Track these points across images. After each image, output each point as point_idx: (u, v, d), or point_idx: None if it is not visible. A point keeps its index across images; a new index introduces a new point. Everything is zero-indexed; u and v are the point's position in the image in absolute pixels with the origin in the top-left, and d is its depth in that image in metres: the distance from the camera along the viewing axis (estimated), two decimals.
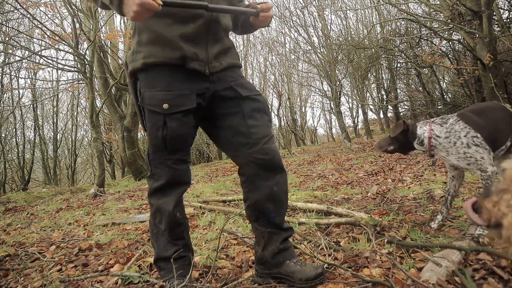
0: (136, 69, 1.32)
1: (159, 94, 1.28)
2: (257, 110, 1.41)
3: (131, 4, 1.10)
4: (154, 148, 1.34)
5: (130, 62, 1.34)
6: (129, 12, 1.12)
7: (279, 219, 1.45)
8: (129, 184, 7.24)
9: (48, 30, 5.79)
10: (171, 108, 1.28)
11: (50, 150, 15.07)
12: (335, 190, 3.78)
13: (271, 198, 1.40)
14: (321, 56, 10.99)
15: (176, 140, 1.32)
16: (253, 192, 1.41)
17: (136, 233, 2.69)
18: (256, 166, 1.37)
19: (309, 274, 1.37)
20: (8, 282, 1.88)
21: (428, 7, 7.51)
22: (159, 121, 1.29)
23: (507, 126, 1.88)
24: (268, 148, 1.38)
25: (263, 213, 1.42)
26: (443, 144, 1.88)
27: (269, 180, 1.39)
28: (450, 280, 1.39)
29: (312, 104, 21.21)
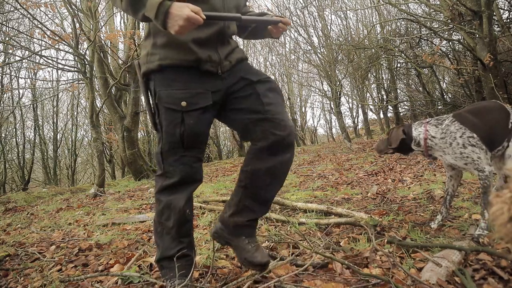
0: (151, 70, 1.35)
1: (177, 92, 1.32)
2: (271, 90, 1.45)
3: (177, 19, 1.13)
4: (170, 145, 1.35)
5: (144, 64, 1.37)
6: (174, 26, 1.14)
7: (267, 196, 1.49)
8: (129, 184, 7.24)
9: (48, 30, 5.79)
10: (189, 106, 1.31)
11: (50, 150, 15.08)
12: (335, 190, 3.78)
13: (271, 172, 1.43)
14: (321, 56, 11.00)
15: (193, 136, 1.35)
16: (257, 161, 1.43)
17: (136, 233, 2.69)
18: (272, 140, 1.39)
19: (254, 259, 1.41)
20: (8, 282, 1.88)
21: (428, 7, 7.51)
22: (176, 118, 1.32)
23: (504, 126, 1.87)
24: (285, 124, 1.40)
25: (255, 183, 1.44)
26: (439, 144, 1.90)
27: (278, 156, 1.41)
28: (450, 280, 1.39)
29: (312, 104, 21.23)
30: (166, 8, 1.13)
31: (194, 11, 1.14)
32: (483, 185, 1.84)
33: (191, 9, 1.14)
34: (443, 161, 1.99)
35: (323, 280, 1.51)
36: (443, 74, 11.05)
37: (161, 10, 1.14)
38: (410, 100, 11.08)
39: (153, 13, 1.15)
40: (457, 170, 2.05)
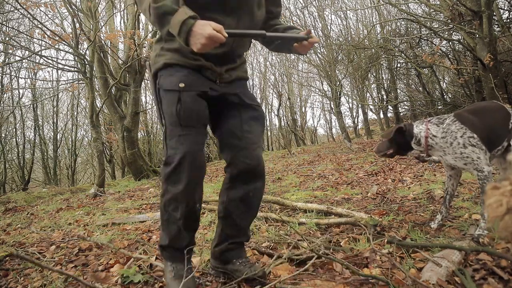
0: (158, 69, 1.43)
1: (177, 76, 1.39)
2: (254, 119, 1.53)
3: (199, 37, 1.16)
4: (169, 127, 1.40)
5: (153, 64, 1.46)
6: (196, 44, 1.18)
7: (244, 223, 1.58)
8: (129, 184, 7.24)
9: (48, 30, 5.79)
10: (186, 87, 1.37)
11: (50, 150, 15.08)
12: (335, 190, 3.78)
13: (244, 200, 1.52)
14: (321, 56, 11.00)
15: (189, 112, 1.37)
16: (230, 191, 1.53)
17: (136, 233, 2.69)
18: (241, 168, 1.48)
19: (250, 275, 1.47)
20: (8, 282, 1.88)
21: (428, 7, 7.51)
22: (174, 98, 1.37)
23: (504, 127, 1.88)
24: (255, 155, 1.50)
25: (232, 212, 1.53)
26: (439, 144, 1.89)
27: (249, 184, 1.51)
28: (450, 280, 1.39)
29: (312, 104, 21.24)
30: (189, 26, 1.17)
31: (217, 29, 1.16)
32: (482, 185, 1.83)
33: (213, 27, 1.16)
34: (443, 161, 1.99)
35: (323, 280, 1.52)
36: (443, 74, 11.05)
37: (184, 28, 1.17)
38: (410, 100, 11.09)
39: (176, 31, 1.19)
40: (456, 170, 2.05)
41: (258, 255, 1.90)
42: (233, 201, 1.52)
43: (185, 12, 1.19)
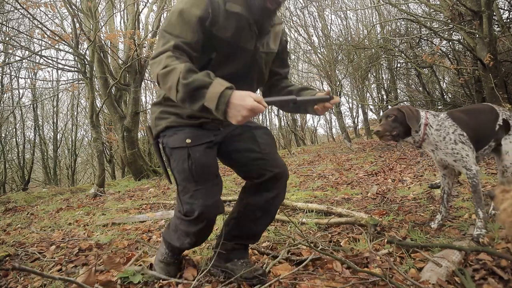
0: (160, 131, 1.46)
1: (181, 134, 1.41)
2: (265, 134, 1.58)
3: (240, 110, 1.09)
4: (183, 183, 1.41)
5: (154, 127, 1.48)
6: (236, 116, 1.11)
7: (260, 228, 1.60)
8: (129, 184, 7.23)
9: (48, 30, 5.79)
10: (193, 142, 1.39)
11: (50, 150, 15.07)
12: (335, 190, 3.78)
13: (263, 207, 1.53)
14: (321, 56, 10.99)
15: (201, 167, 1.39)
16: (250, 196, 1.54)
17: (136, 233, 2.69)
18: (267, 176, 1.49)
19: (248, 275, 1.49)
20: (8, 282, 1.88)
21: (428, 7, 7.51)
22: (183, 155, 1.38)
23: (491, 128, 1.98)
24: (280, 162, 1.54)
25: (247, 216, 1.54)
26: (434, 135, 1.92)
27: (271, 191, 1.51)
28: (450, 280, 1.39)
29: None
30: (227, 98, 1.10)
31: (257, 100, 1.11)
32: (472, 183, 1.88)
33: (253, 98, 1.10)
34: (434, 158, 2.00)
35: (323, 280, 1.52)
36: (443, 74, 11.05)
37: (222, 100, 1.10)
38: (410, 100, 11.08)
39: (214, 104, 1.11)
40: (449, 169, 2.08)
41: (258, 255, 1.90)
42: (252, 206, 1.53)
43: (221, 83, 1.13)
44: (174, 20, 1.25)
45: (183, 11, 1.24)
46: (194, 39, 1.24)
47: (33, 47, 9.51)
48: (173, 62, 1.17)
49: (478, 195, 1.87)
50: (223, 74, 1.30)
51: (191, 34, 1.23)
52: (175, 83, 1.14)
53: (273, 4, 1.32)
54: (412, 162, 5.12)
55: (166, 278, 1.60)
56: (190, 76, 1.14)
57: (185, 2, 1.26)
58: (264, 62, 1.47)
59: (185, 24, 1.23)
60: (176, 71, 1.14)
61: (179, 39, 1.22)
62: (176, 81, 1.14)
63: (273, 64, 1.56)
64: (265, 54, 1.46)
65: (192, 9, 1.24)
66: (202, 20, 1.24)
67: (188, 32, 1.23)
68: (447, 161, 1.93)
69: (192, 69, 1.16)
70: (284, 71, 1.63)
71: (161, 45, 1.23)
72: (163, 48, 1.21)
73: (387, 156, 6.38)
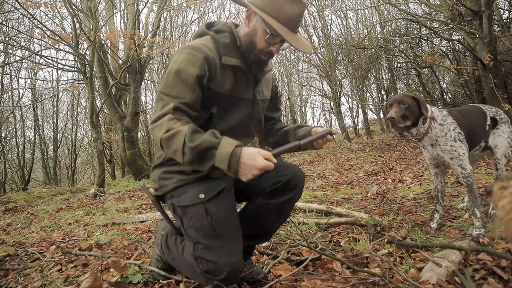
0: (166, 192, 1.38)
1: (193, 191, 1.32)
2: None
3: (251, 169, 1.11)
4: (204, 240, 1.30)
5: (159, 188, 1.40)
6: (247, 175, 1.12)
7: (272, 228, 1.55)
8: (129, 184, 7.24)
9: (48, 30, 5.79)
10: (207, 195, 1.30)
11: (50, 150, 15.07)
12: (335, 190, 3.78)
13: (280, 210, 1.47)
14: (321, 56, 10.98)
15: (223, 222, 1.31)
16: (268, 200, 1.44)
17: (136, 233, 2.69)
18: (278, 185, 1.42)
19: (251, 278, 1.49)
20: (8, 282, 1.88)
21: (428, 7, 7.51)
22: (200, 211, 1.30)
23: (482, 127, 2.06)
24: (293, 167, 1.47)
25: (261, 216, 1.47)
26: (436, 130, 1.92)
27: (285, 195, 1.44)
28: (450, 280, 1.39)
29: (312, 104, 21.16)
30: (238, 157, 1.11)
31: (267, 157, 1.12)
32: (467, 183, 1.89)
33: (263, 155, 1.12)
34: (430, 154, 2.00)
35: (323, 280, 1.52)
36: (443, 74, 11.05)
37: (234, 159, 1.11)
38: None
39: (226, 165, 1.11)
40: (441, 168, 2.10)
41: (258, 255, 1.90)
42: (267, 207, 1.45)
43: (230, 143, 1.13)
44: (171, 81, 1.23)
45: (179, 71, 1.23)
46: (193, 98, 1.23)
47: (33, 47, 9.51)
48: (175, 124, 1.16)
49: (474, 195, 1.88)
50: (226, 127, 1.32)
51: (189, 94, 1.22)
52: (180, 146, 1.14)
53: (266, 56, 1.33)
54: (412, 162, 5.12)
55: (168, 275, 1.60)
56: (197, 138, 1.13)
57: (181, 62, 1.24)
58: (261, 110, 1.49)
59: (182, 84, 1.22)
60: (181, 134, 1.14)
61: (178, 100, 1.21)
62: (181, 144, 1.13)
63: (267, 110, 1.57)
64: (261, 101, 1.48)
65: (189, 69, 1.23)
66: (199, 78, 1.24)
67: (186, 92, 1.22)
68: (443, 158, 1.93)
69: (197, 130, 1.16)
70: (277, 115, 1.65)
71: (160, 108, 1.21)
72: (162, 111, 1.19)
73: (387, 156, 6.38)
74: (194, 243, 1.31)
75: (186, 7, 10.13)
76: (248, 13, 1.30)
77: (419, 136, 1.95)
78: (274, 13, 1.23)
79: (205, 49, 1.27)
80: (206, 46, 1.29)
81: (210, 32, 1.35)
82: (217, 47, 1.31)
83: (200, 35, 1.38)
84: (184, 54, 1.25)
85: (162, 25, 10.65)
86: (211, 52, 1.28)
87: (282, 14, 1.23)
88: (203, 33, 1.37)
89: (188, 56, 1.25)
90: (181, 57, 1.25)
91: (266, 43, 1.28)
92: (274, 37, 1.26)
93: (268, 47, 1.30)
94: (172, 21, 12.08)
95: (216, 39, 1.32)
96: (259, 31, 1.27)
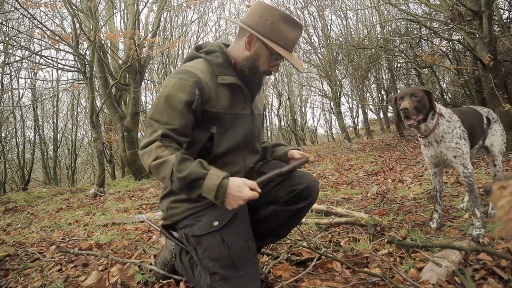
0: (176, 221, 1.37)
1: (206, 218, 1.30)
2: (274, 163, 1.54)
3: (237, 199, 1.14)
4: (221, 270, 1.26)
5: (168, 218, 1.39)
6: (232, 204, 1.15)
7: (284, 232, 1.55)
8: (129, 184, 7.24)
9: (48, 30, 5.79)
10: (221, 222, 1.28)
11: (50, 150, 15.07)
12: (335, 190, 3.78)
13: (291, 217, 1.47)
14: (321, 56, 10.99)
15: (242, 250, 1.28)
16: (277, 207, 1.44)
17: (136, 233, 2.69)
18: (294, 194, 1.42)
19: None
20: (8, 282, 1.88)
21: (428, 7, 7.51)
22: (216, 240, 1.27)
23: (481, 126, 2.12)
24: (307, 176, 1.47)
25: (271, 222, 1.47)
26: (444, 126, 1.92)
27: (299, 203, 1.44)
28: (450, 280, 1.39)
29: (312, 104, 21.17)
30: (225, 189, 1.13)
31: (252, 187, 1.15)
32: (468, 183, 1.90)
33: (248, 186, 1.15)
34: (429, 154, 1.99)
35: (323, 280, 1.52)
36: (443, 74, 11.05)
37: (221, 191, 1.13)
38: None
39: (212, 195, 1.14)
40: (440, 167, 2.11)
41: (258, 255, 1.90)
42: (281, 214, 1.45)
43: (217, 174, 1.15)
44: (160, 107, 1.25)
45: (169, 97, 1.24)
46: (182, 124, 1.24)
47: (33, 47, 9.50)
48: (163, 152, 1.17)
49: (474, 194, 1.89)
50: (230, 146, 1.34)
51: (178, 119, 1.23)
52: (168, 175, 1.16)
53: (267, 75, 1.41)
54: (412, 162, 5.12)
55: (168, 274, 1.60)
56: (185, 167, 1.15)
57: (171, 87, 1.26)
58: (260, 124, 1.52)
59: (172, 110, 1.23)
60: (169, 163, 1.15)
61: (166, 126, 1.22)
62: (169, 173, 1.15)
63: None
64: (258, 116, 1.50)
65: (179, 94, 1.24)
66: (189, 103, 1.24)
67: (175, 118, 1.23)
68: (447, 155, 1.92)
69: (184, 159, 1.17)
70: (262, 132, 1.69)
71: (149, 135, 1.22)
72: (151, 138, 1.21)
73: (387, 156, 6.38)
74: (210, 274, 1.28)
75: (186, 7, 10.13)
76: (249, 39, 1.33)
77: (427, 132, 1.93)
78: (276, 39, 1.29)
79: (197, 72, 1.29)
80: (199, 69, 1.31)
81: (201, 54, 1.38)
82: (210, 68, 1.33)
83: (191, 58, 1.40)
84: (175, 79, 1.28)
85: (162, 25, 10.65)
86: (204, 74, 1.30)
87: (283, 39, 1.30)
88: (194, 56, 1.40)
89: (178, 81, 1.26)
90: (171, 82, 1.27)
91: (269, 65, 1.36)
92: (277, 60, 1.35)
93: (269, 68, 1.37)
94: (172, 21, 12.08)
95: (209, 60, 1.35)
96: (263, 56, 1.33)
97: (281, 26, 1.29)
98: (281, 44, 1.30)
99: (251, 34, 1.31)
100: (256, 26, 1.30)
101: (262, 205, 1.46)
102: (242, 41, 1.34)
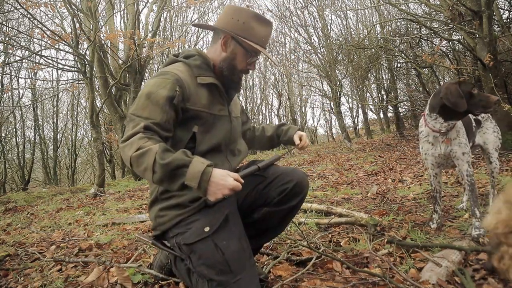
0: (166, 229, 1.34)
1: (196, 224, 1.28)
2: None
3: (221, 188, 1.11)
4: (217, 277, 1.23)
5: (158, 226, 1.36)
6: (216, 194, 1.12)
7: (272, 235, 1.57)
8: (129, 184, 7.24)
9: (48, 30, 5.79)
10: (212, 227, 1.26)
11: (50, 150, 15.08)
12: (335, 190, 3.78)
13: (282, 217, 1.49)
14: (321, 56, 11.00)
15: (236, 255, 1.25)
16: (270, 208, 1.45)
17: (136, 233, 2.69)
18: (285, 193, 1.42)
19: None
20: (8, 282, 1.88)
21: (428, 7, 7.51)
22: (209, 247, 1.25)
23: (471, 128, 2.15)
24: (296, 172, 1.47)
25: (265, 223, 1.48)
26: (460, 121, 1.95)
27: (288, 203, 1.44)
28: (450, 280, 1.39)
29: (312, 104, 21.17)
30: (209, 176, 1.11)
31: (235, 178, 1.14)
32: (470, 182, 1.90)
33: (232, 176, 1.14)
34: (437, 153, 1.98)
35: (323, 280, 1.52)
36: (443, 74, 11.05)
37: (204, 178, 1.10)
38: (410, 100, 11.08)
39: (196, 182, 1.10)
40: (441, 168, 2.12)
41: (258, 255, 1.90)
42: (274, 215, 1.45)
43: (201, 162, 1.13)
44: (142, 103, 1.25)
45: (150, 93, 1.25)
46: (164, 119, 1.24)
47: (33, 47, 9.49)
48: (146, 143, 1.15)
49: (474, 194, 1.89)
50: (211, 145, 1.35)
51: (160, 114, 1.23)
52: (151, 164, 1.12)
53: (245, 74, 1.45)
54: (412, 162, 5.12)
55: (167, 278, 1.60)
56: (168, 155, 1.12)
57: (151, 85, 1.27)
58: (238, 126, 1.54)
59: (153, 105, 1.23)
60: (151, 152, 1.12)
61: (148, 120, 1.21)
62: (152, 162, 1.11)
63: (242, 124, 1.65)
64: (235, 118, 1.52)
65: (159, 91, 1.25)
66: (170, 99, 1.25)
67: (157, 113, 1.23)
68: (457, 152, 1.91)
69: (168, 149, 1.15)
70: (250, 124, 1.76)
71: (131, 128, 1.20)
72: (133, 131, 1.19)
73: (387, 156, 6.38)
74: (207, 281, 1.25)
75: (186, 7, 10.13)
76: (224, 40, 1.37)
77: (450, 126, 1.91)
78: (249, 36, 1.35)
79: (176, 72, 1.30)
80: (178, 70, 1.33)
81: (180, 59, 1.40)
82: (189, 70, 1.36)
83: (171, 63, 1.43)
84: (155, 79, 1.30)
85: (162, 25, 10.66)
86: (183, 74, 1.32)
87: (256, 36, 1.36)
88: (173, 61, 1.43)
89: (159, 80, 1.28)
90: (152, 81, 1.29)
91: (246, 63, 1.41)
92: (253, 56, 1.40)
93: (246, 66, 1.42)
94: (172, 21, 12.09)
95: (188, 63, 1.38)
96: (239, 55, 1.38)
97: (253, 24, 1.35)
98: (254, 41, 1.35)
99: (226, 35, 1.37)
100: (230, 26, 1.35)
101: (255, 208, 1.46)
102: (218, 44, 1.39)
